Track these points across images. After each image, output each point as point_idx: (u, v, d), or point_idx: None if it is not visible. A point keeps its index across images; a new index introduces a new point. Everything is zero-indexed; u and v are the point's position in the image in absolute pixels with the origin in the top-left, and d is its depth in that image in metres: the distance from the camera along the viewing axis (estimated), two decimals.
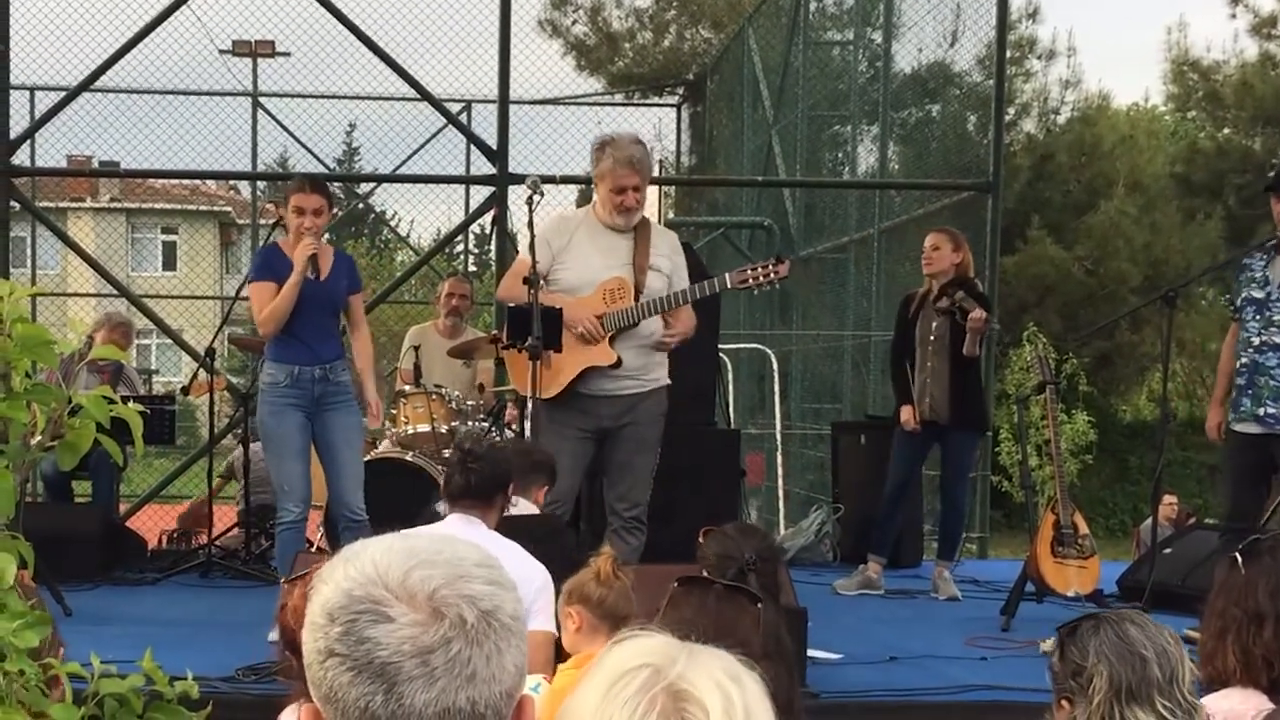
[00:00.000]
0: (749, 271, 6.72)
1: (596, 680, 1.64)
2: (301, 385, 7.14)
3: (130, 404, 2.70)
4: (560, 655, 4.40)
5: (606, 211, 6.78)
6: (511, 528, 5.55)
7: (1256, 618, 3.51)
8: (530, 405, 6.66)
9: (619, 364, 6.70)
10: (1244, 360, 7.00)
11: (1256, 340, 6.95)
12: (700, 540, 4.50)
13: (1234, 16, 23.54)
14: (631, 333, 6.72)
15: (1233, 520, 7.24)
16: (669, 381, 6.94)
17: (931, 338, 8.49)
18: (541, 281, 6.64)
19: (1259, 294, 6.98)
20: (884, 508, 8.89)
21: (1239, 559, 3.62)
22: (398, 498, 7.88)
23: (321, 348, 7.18)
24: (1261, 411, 6.90)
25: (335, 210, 7.72)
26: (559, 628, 4.48)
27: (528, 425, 6.65)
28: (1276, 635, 3.49)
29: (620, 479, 6.85)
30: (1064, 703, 3.08)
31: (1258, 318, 6.97)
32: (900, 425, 8.63)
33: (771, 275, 6.66)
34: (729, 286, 6.82)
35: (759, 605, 3.39)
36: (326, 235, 7.46)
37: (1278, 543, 3.72)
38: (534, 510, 5.84)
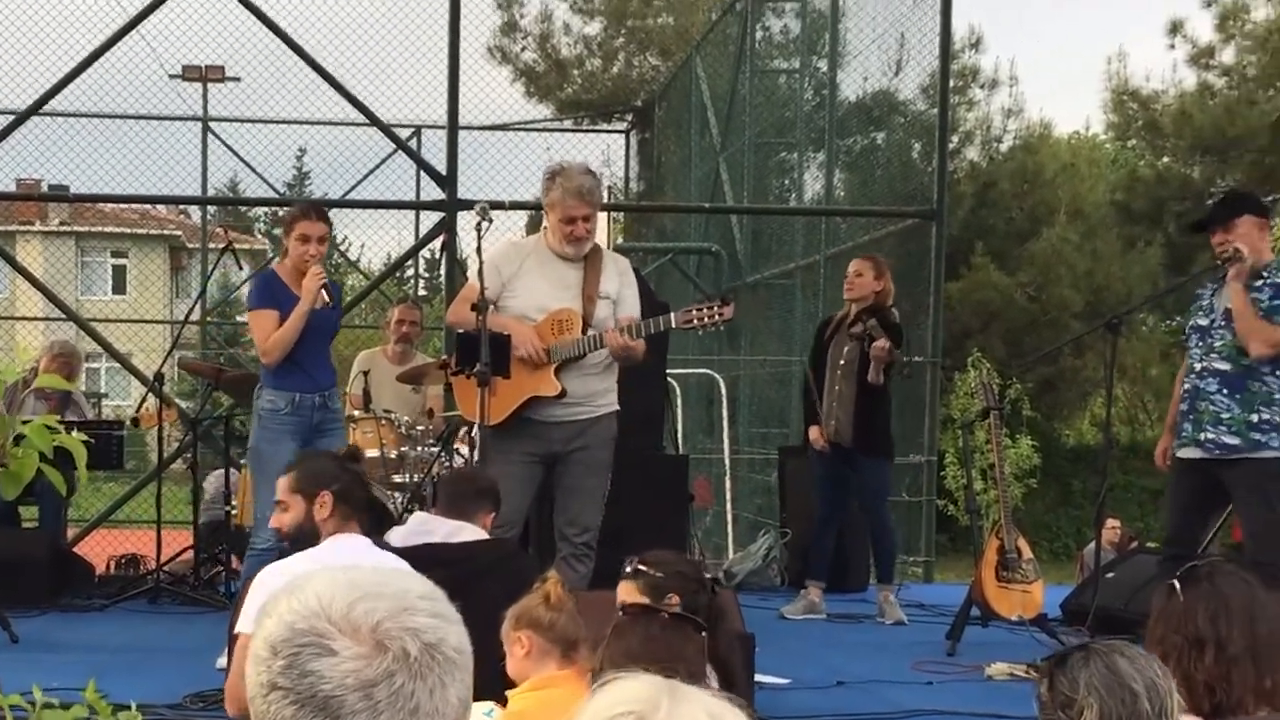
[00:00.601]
0: (694, 312, 6.70)
1: None
2: (301, 413, 7.18)
3: (77, 430, 2.72)
4: (505, 682, 4.39)
5: (557, 240, 6.78)
6: (467, 553, 5.59)
7: (1197, 643, 3.52)
8: (477, 431, 6.70)
9: (563, 395, 6.71)
10: (1186, 386, 7.10)
11: (1198, 366, 7.04)
12: (637, 566, 4.46)
13: (1172, 47, 23.82)
14: (578, 362, 6.74)
15: (1171, 545, 7.31)
16: (618, 407, 6.95)
17: (841, 362, 8.61)
18: (491, 307, 6.67)
19: (1203, 321, 7.08)
20: (815, 532, 9.01)
21: (1177, 585, 3.66)
22: None
23: (320, 375, 7.26)
24: (1202, 437, 6.98)
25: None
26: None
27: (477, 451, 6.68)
28: (1218, 661, 3.51)
29: (570, 502, 6.84)
30: None
31: (1200, 344, 7.06)
32: (811, 446, 8.77)
33: (716, 317, 6.64)
34: (674, 326, 6.82)
35: (704, 634, 3.41)
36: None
37: (1215, 568, 3.77)
38: (478, 534, 5.84)
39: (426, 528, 5.74)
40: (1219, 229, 6.97)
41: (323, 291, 7.08)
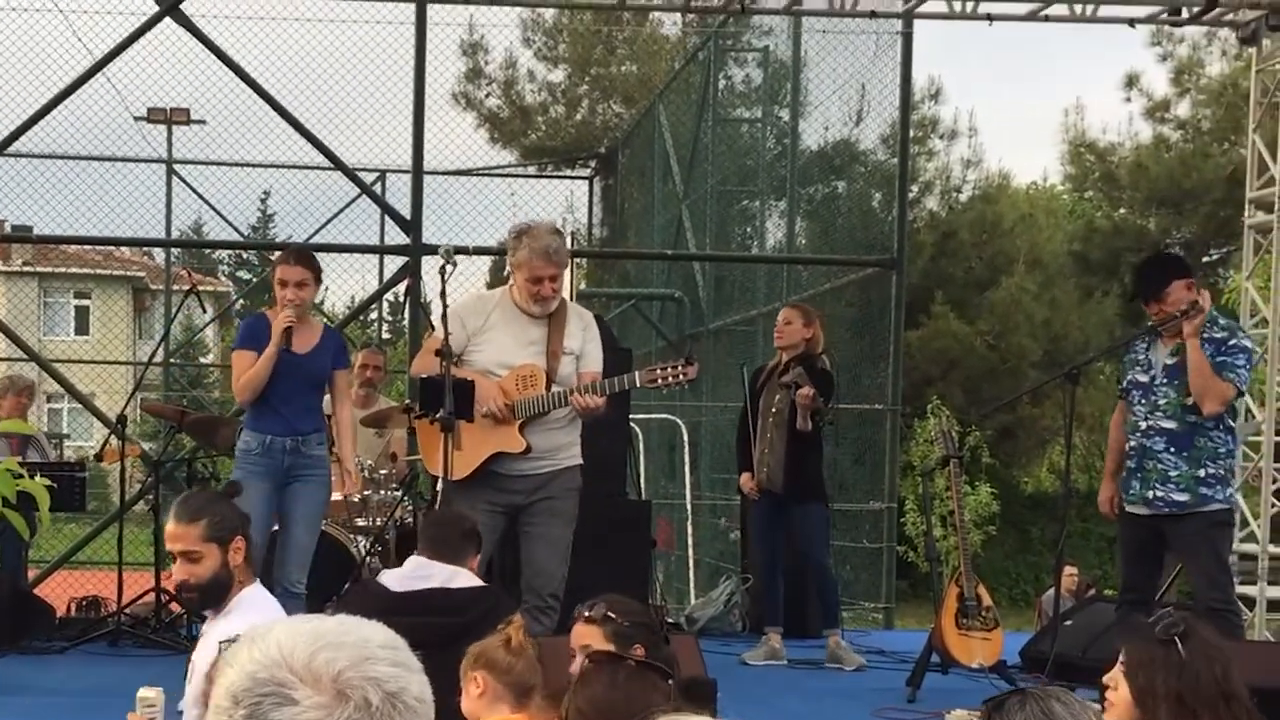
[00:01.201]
0: (658, 371, 6.76)
1: None
2: (272, 455, 7.18)
3: (40, 473, 2.75)
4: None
5: (523, 298, 6.82)
6: (464, 600, 5.61)
7: (1222, 697, 3.61)
8: (440, 481, 6.73)
9: (528, 451, 6.75)
10: (1132, 444, 7.20)
11: (1143, 425, 7.14)
12: (605, 613, 4.45)
13: (1129, 100, 24.13)
14: (542, 418, 6.77)
15: (1126, 593, 7.44)
16: (581, 461, 6.98)
17: (773, 410, 8.67)
18: (455, 359, 6.70)
19: (1143, 378, 7.19)
20: (763, 579, 9.05)
21: (1178, 642, 3.73)
22: (312, 568, 7.89)
23: (297, 420, 7.22)
24: (1150, 495, 7.09)
25: (324, 284, 7.80)
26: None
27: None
28: (1230, 711, 3.60)
29: (534, 554, 6.84)
30: None
31: (1144, 402, 7.16)
32: (744, 493, 8.84)
33: (680, 376, 6.71)
34: (638, 385, 6.88)
35: (670, 681, 3.44)
36: (319, 313, 7.53)
37: (1197, 622, 3.86)
38: (472, 579, 5.86)
39: (425, 572, 5.74)
40: (1153, 301, 7.11)
41: (285, 335, 7.09)
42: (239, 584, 4.57)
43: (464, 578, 5.77)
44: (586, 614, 4.44)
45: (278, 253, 8.94)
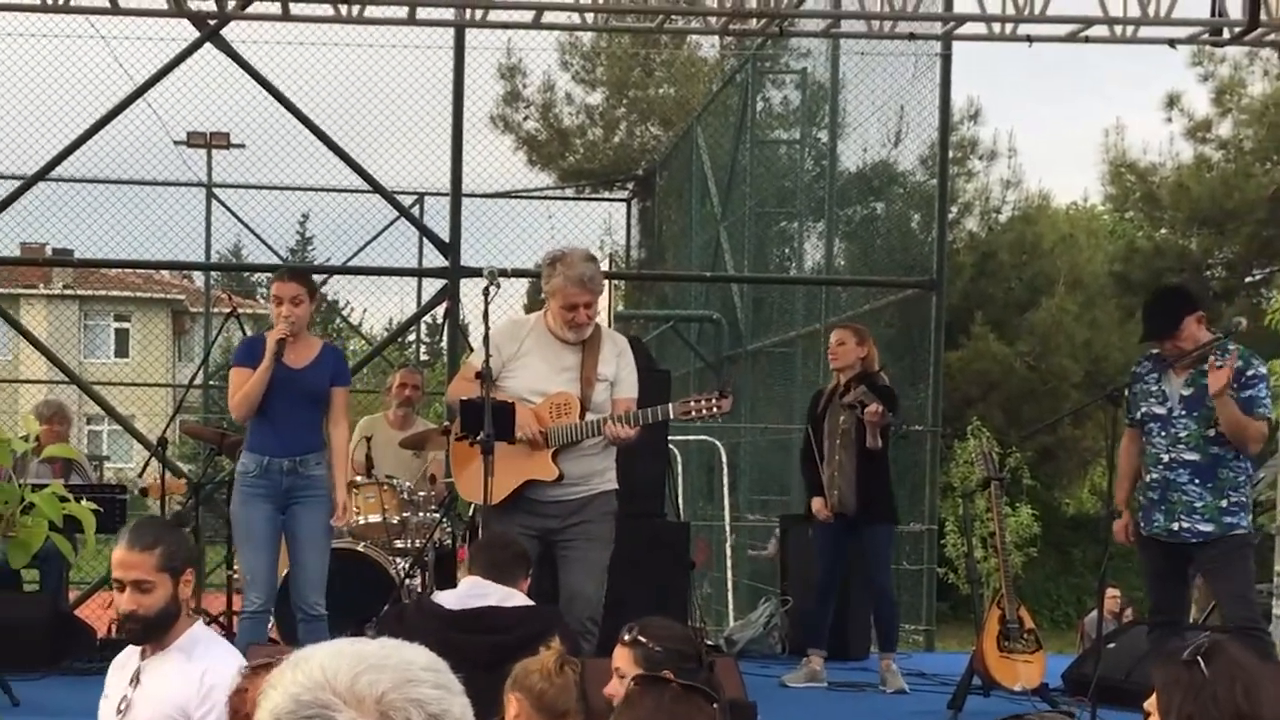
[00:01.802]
0: (693, 403, 6.75)
1: None
2: (270, 476, 7.11)
3: (84, 497, 2.75)
4: None
5: (557, 324, 6.81)
6: (519, 619, 5.62)
7: (1237, 718, 3.57)
8: (477, 505, 6.74)
9: (560, 479, 6.73)
10: (1155, 475, 7.12)
11: (1166, 457, 7.06)
12: (636, 637, 4.44)
13: (1169, 120, 23.98)
14: (576, 445, 6.76)
15: (1156, 615, 7.38)
16: (615, 486, 6.95)
17: (839, 432, 8.63)
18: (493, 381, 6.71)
19: (1160, 409, 7.10)
20: (815, 600, 9.00)
21: (1200, 661, 3.68)
22: (350, 588, 7.89)
23: (293, 439, 7.14)
24: (1176, 526, 7.02)
25: (320, 301, 7.76)
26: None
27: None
28: None
29: (571, 577, 6.82)
30: None
31: (1164, 434, 7.08)
32: (815, 517, 8.79)
33: (714, 409, 6.69)
34: (672, 417, 6.88)
35: (715, 705, 3.42)
36: (316, 327, 7.50)
37: (1223, 641, 3.81)
38: (526, 600, 5.88)
39: (481, 590, 5.77)
40: (1167, 340, 7.05)
41: (277, 347, 7.02)
42: (186, 618, 4.38)
43: (518, 598, 5.81)
44: (625, 636, 4.44)
45: (315, 276, 8.94)
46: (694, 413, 6.75)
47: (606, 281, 12.65)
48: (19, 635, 8.40)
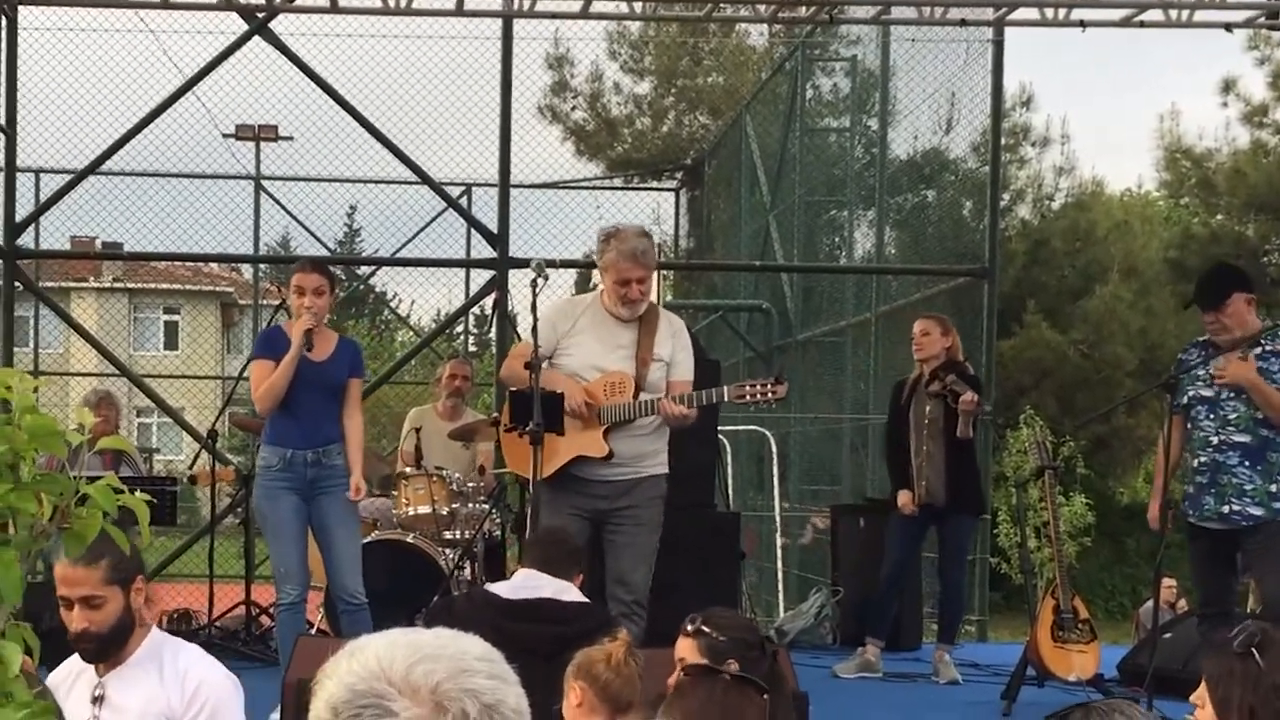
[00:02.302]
0: (748, 387, 6.72)
1: None
2: (294, 469, 7.12)
3: (139, 489, 2.72)
4: None
5: (611, 301, 6.79)
6: (574, 614, 5.62)
7: None
8: (531, 490, 6.72)
9: (610, 456, 6.72)
10: (1203, 459, 7.05)
11: (1215, 440, 6.99)
12: (700, 626, 4.43)
13: (1225, 105, 23.72)
14: (628, 425, 6.74)
15: (1205, 606, 7.30)
16: (667, 470, 6.92)
17: (926, 422, 8.56)
18: (545, 363, 6.69)
19: (1208, 392, 7.04)
20: (881, 590, 8.92)
21: (1255, 652, 3.62)
22: (399, 579, 7.88)
23: (315, 431, 7.16)
24: (1226, 510, 6.94)
25: (338, 292, 7.73)
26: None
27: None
28: None
29: (619, 561, 6.80)
30: None
31: (1212, 417, 7.02)
32: (898, 509, 8.68)
33: (770, 395, 6.65)
34: (726, 399, 6.84)
35: (765, 696, 3.38)
36: (332, 317, 7.47)
37: (1271, 631, 3.74)
38: (580, 596, 5.86)
39: (535, 583, 5.76)
40: (1211, 309, 6.97)
41: (305, 338, 7.04)
42: (141, 628, 4.16)
43: (573, 593, 5.80)
44: (688, 627, 4.43)
45: (363, 268, 8.93)
46: (749, 396, 6.70)
47: (656, 272, 12.72)
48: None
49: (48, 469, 2.49)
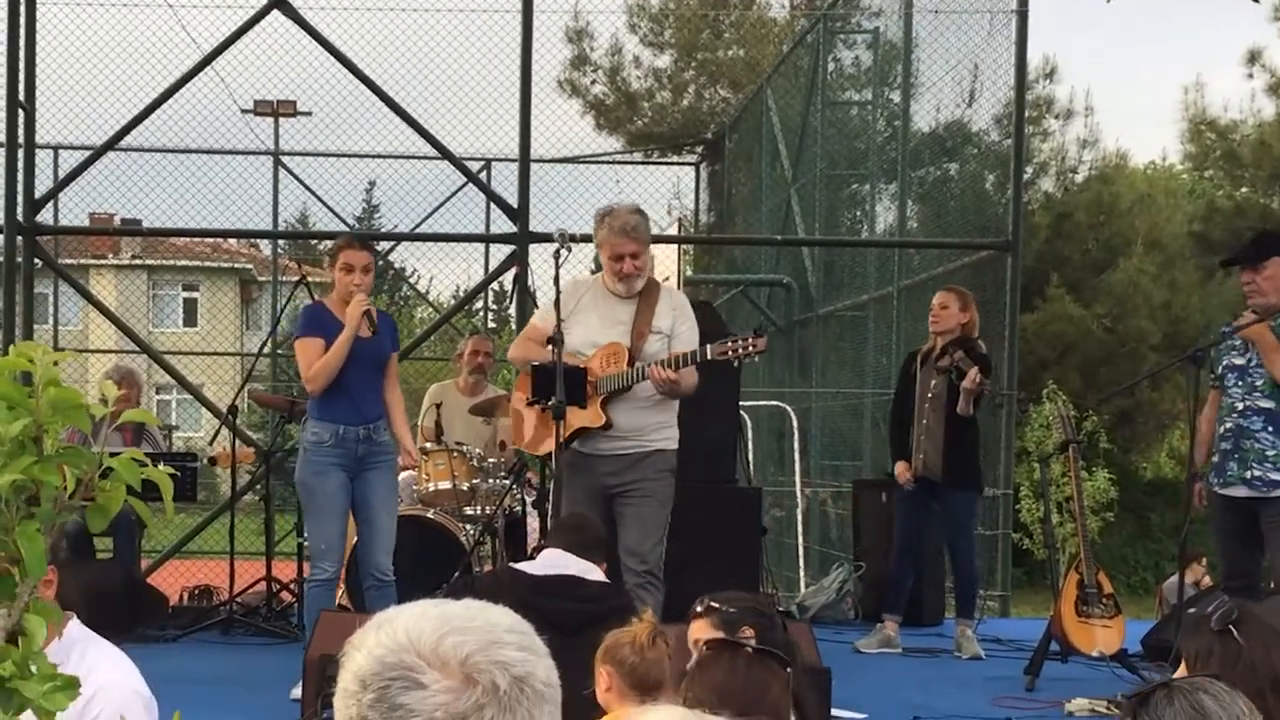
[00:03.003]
0: (729, 344, 6.76)
1: None
2: (345, 445, 7.15)
3: (161, 463, 2.70)
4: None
5: (609, 279, 6.96)
6: (600, 593, 5.66)
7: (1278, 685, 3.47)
8: (554, 465, 6.82)
9: (609, 426, 6.81)
10: (1228, 425, 7.06)
11: (1240, 405, 7.00)
12: (709, 604, 4.45)
13: (1250, 76, 23.57)
14: (626, 395, 6.83)
15: (1230, 580, 7.27)
16: (674, 445, 6.98)
17: (929, 395, 8.55)
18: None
19: (1239, 360, 7.05)
20: (893, 566, 8.97)
21: (1233, 630, 3.57)
22: (420, 555, 7.88)
23: (366, 407, 7.20)
24: (1249, 475, 6.94)
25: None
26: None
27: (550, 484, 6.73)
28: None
29: (628, 533, 6.88)
30: None
31: (1240, 383, 7.03)
32: (898, 482, 8.70)
33: (750, 348, 6.69)
34: (710, 358, 6.85)
35: (788, 669, 3.36)
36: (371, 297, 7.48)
37: (1248, 606, 3.69)
38: (601, 576, 5.88)
39: (562, 562, 5.81)
40: (1248, 268, 6.95)
41: (366, 318, 7.08)
42: (51, 625, 3.91)
43: (598, 574, 5.85)
44: (697, 609, 4.46)
45: (379, 242, 8.91)
46: (730, 353, 6.74)
47: (676, 247, 12.68)
48: (93, 603, 8.36)
49: (69, 443, 2.47)
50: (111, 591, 8.83)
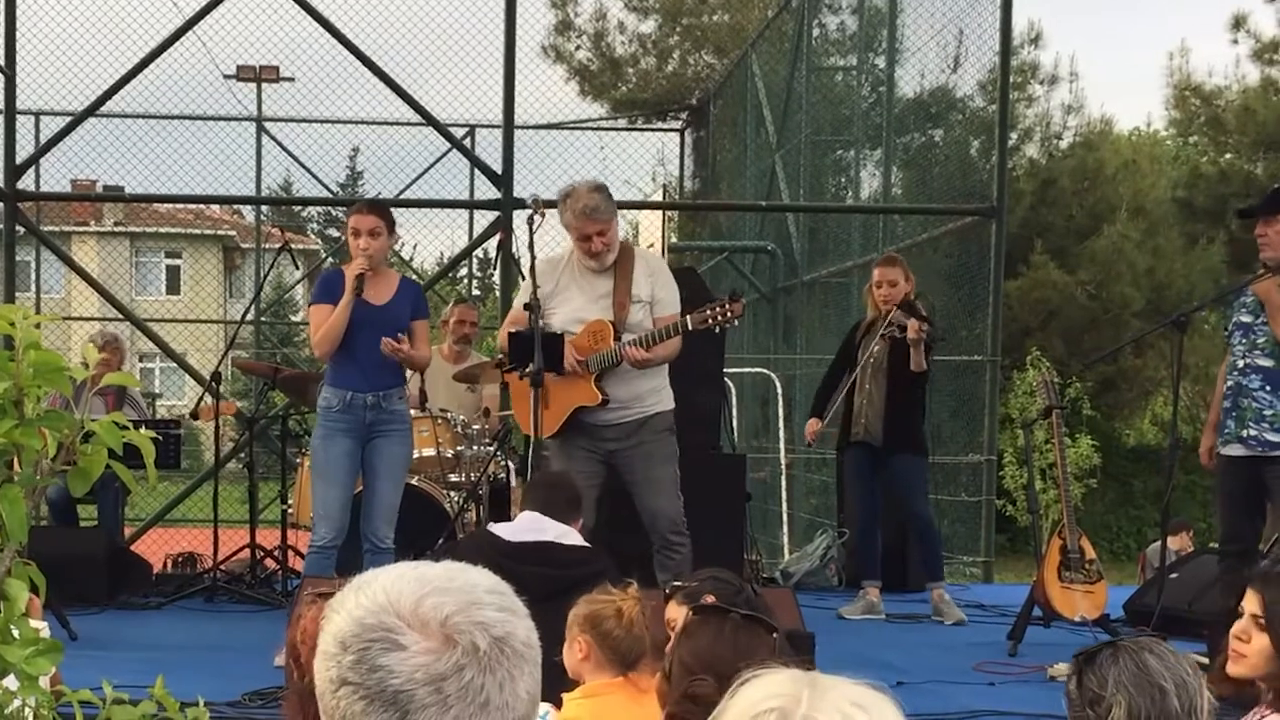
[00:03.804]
0: (707, 313, 6.78)
1: None
2: (354, 411, 7.14)
3: (143, 429, 2.69)
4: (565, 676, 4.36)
5: (580, 257, 7.00)
6: (575, 558, 5.67)
7: None
8: (531, 439, 6.97)
9: (606, 402, 6.90)
10: (1229, 383, 7.06)
11: (1241, 363, 7.00)
12: (672, 588, 4.53)
13: (1235, 42, 23.57)
14: (616, 368, 6.89)
15: (1229, 543, 7.26)
16: (670, 405, 7.09)
17: (870, 362, 8.58)
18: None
19: (1247, 318, 7.04)
20: (858, 532, 9.03)
21: None
22: (404, 522, 7.87)
23: (376, 375, 7.16)
24: (1245, 434, 6.93)
25: (398, 238, 7.67)
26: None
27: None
28: None
29: (643, 497, 7.00)
30: None
31: (1244, 341, 7.02)
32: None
33: (729, 314, 6.71)
34: (690, 329, 6.88)
35: (775, 635, 3.36)
36: (393, 260, 7.42)
37: None
38: (578, 538, 5.90)
39: (539, 525, 5.84)
40: (1262, 220, 6.95)
41: (357, 283, 7.04)
42: None
43: (575, 537, 5.87)
44: (666, 592, 4.55)
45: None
46: (710, 321, 6.77)
47: (661, 213, 12.67)
48: (77, 570, 8.45)
49: (51, 407, 2.46)
50: (95, 558, 8.83)
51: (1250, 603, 3.76)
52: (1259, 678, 3.71)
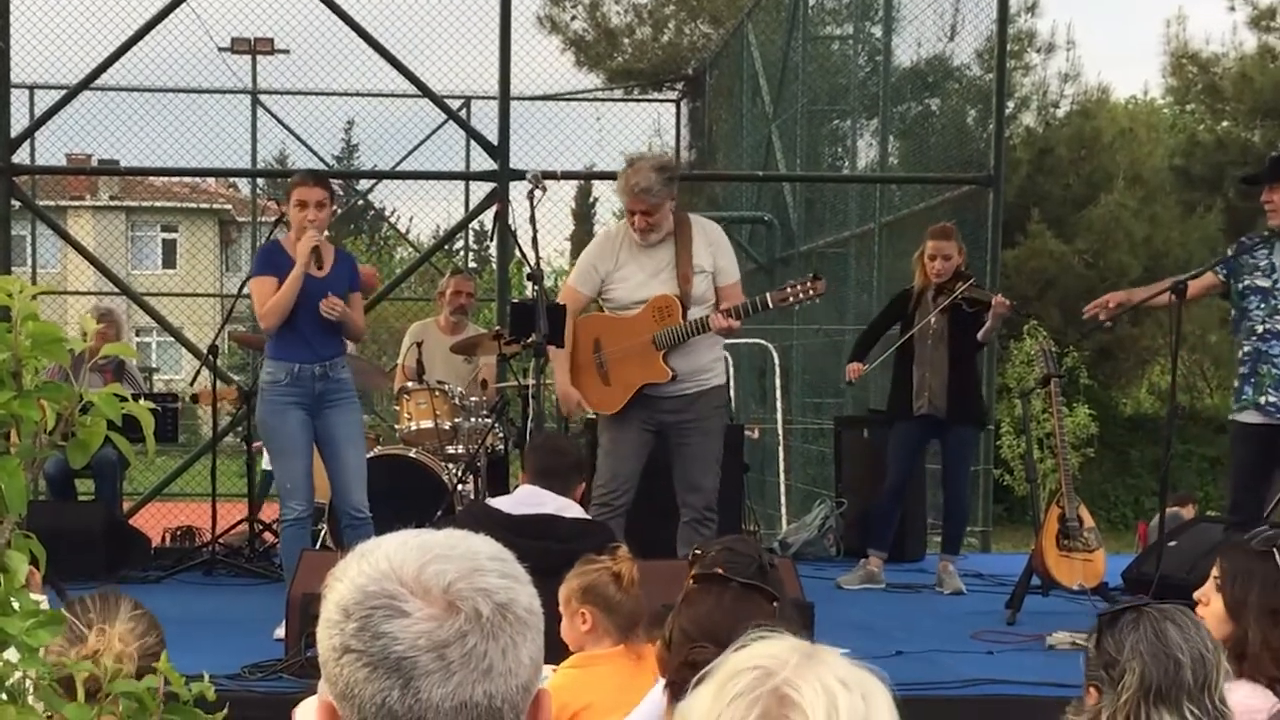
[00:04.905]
0: (788, 289, 6.91)
1: (713, 678, 1.66)
2: (301, 383, 7.08)
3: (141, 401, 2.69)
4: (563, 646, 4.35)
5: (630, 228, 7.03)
6: (575, 531, 5.67)
7: None
8: (531, 407, 7.11)
9: (675, 378, 6.96)
10: (1247, 349, 7.01)
11: (1260, 328, 6.94)
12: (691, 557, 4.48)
13: (1233, 9, 23.53)
14: (683, 344, 6.94)
15: (1235, 512, 7.24)
16: (724, 379, 7.26)
17: (930, 332, 8.51)
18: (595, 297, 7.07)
19: (1264, 282, 6.98)
20: (884, 502, 8.91)
21: (1276, 553, 3.61)
22: (401, 494, 7.87)
23: (321, 345, 7.11)
24: (1263, 400, 6.90)
25: (335, 207, 7.61)
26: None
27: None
28: None
29: (688, 469, 7.04)
30: (1093, 689, 3.05)
31: (1263, 305, 6.96)
32: (899, 421, 8.71)
33: (810, 291, 6.87)
34: (770, 306, 7.00)
35: (775, 604, 3.36)
36: (328, 232, 7.38)
37: None
38: (582, 513, 5.89)
39: (538, 499, 5.84)
40: (1268, 187, 6.91)
41: (314, 255, 6.99)
42: None
43: (575, 510, 5.87)
44: (689, 560, 4.45)
45: (361, 183, 8.83)
46: (790, 299, 6.91)
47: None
48: (75, 544, 8.43)
49: (49, 379, 2.44)
50: (93, 533, 8.82)
51: (1215, 568, 3.78)
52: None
